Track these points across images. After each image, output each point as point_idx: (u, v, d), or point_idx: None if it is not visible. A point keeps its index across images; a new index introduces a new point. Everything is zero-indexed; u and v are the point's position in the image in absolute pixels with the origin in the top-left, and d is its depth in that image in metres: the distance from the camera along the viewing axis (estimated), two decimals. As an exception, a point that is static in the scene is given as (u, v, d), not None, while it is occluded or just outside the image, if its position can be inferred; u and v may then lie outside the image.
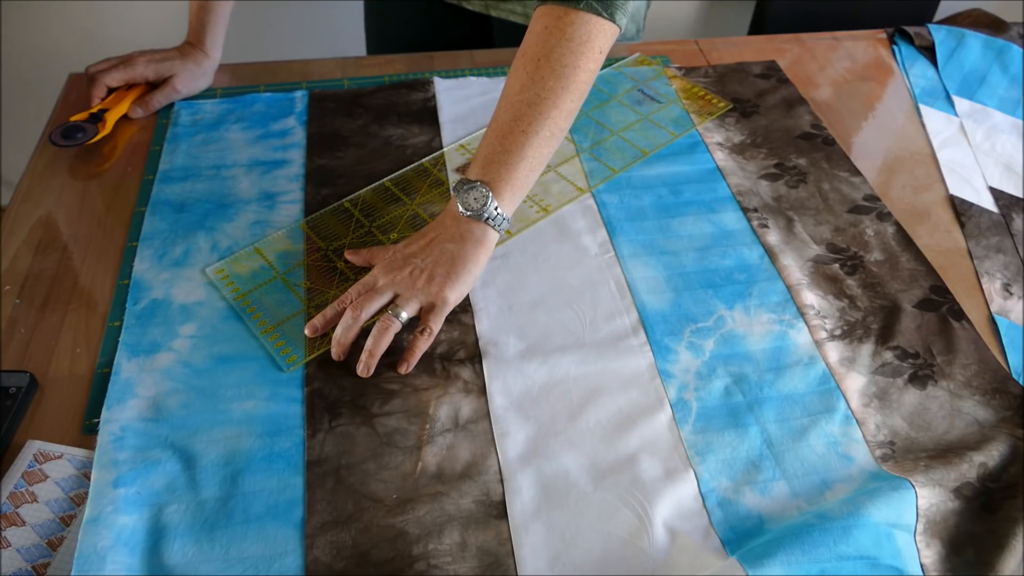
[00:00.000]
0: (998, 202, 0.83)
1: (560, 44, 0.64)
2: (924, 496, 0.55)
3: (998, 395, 0.64)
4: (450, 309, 0.64)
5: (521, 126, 0.64)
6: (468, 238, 0.65)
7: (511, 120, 0.65)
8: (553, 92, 0.64)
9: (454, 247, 0.64)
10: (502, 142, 0.65)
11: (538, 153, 0.66)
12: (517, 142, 0.65)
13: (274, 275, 0.71)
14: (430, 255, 0.65)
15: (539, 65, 0.64)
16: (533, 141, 0.65)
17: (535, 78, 0.64)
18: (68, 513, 0.54)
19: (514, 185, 0.65)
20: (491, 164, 0.65)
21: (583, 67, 0.65)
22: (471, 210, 0.64)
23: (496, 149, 0.65)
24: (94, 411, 0.60)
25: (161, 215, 0.76)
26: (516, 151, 0.65)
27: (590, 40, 0.65)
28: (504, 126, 0.65)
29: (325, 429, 0.59)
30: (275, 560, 0.52)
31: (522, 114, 0.64)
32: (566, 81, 0.64)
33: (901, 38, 1.06)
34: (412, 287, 0.63)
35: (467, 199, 0.65)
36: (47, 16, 1.49)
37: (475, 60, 0.98)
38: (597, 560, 0.53)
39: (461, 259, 0.64)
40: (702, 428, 0.61)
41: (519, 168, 0.65)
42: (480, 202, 0.64)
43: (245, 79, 0.94)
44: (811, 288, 0.71)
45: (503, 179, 0.65)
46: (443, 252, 0.65)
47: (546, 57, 0.64)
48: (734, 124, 0.90)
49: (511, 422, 0.60)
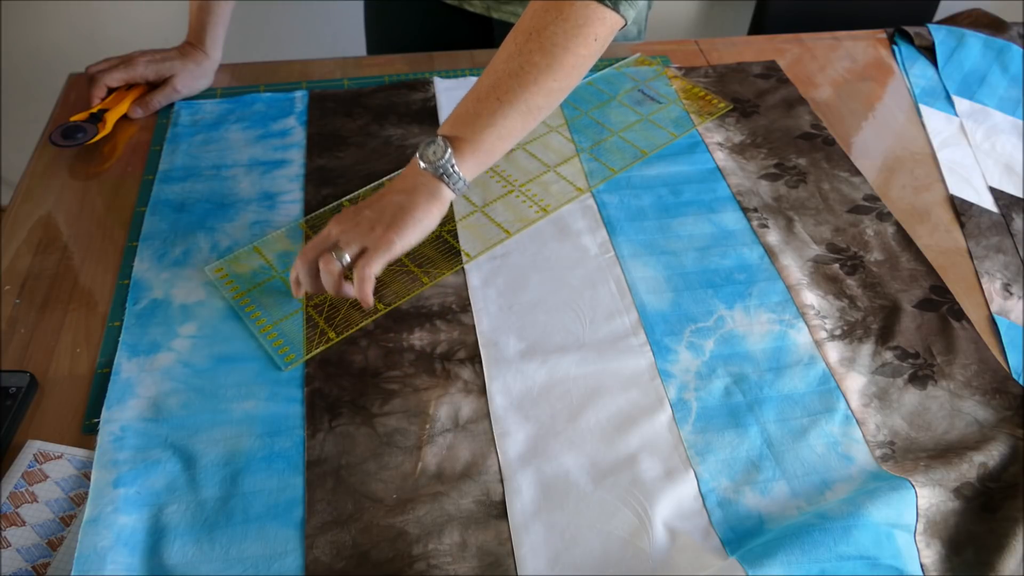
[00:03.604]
0: (998, 202, 0.83)
1: (554, 23, 0.63)
2: (924, 496, 0.55)
3: (998, 395, 0.64)
4: (393, 255, 0.63)
5: (497, 93, 0.64)
6: (421, 190, 0.64)
7: (489, 86, 0.64)
8: (536, 68, 0.63)
9: (404, 197, 0.64)
10: (475, 105, 0.65)
11: (509, 124, 0.65)
12: (490, 107, 0.64)
13: (273, 274, 0.71)
14: (380, 205, 0.64)
15: (529, 39, 0.64)
16: (506, 111, 0.64)
17: (523, 50, 0.64)
18: (68, 513, 0.54)
19: (477, 148, 0.65)
20: (459, 123, 0.65)
21: (573, 50, 0.64)
22: (428, 162, 0.64)
23: (468, 110, 0.65)
24: (94, 411, 0.60)
25: (161, 215, 0.76)
26: (486, 116, 0.64)
27: (587, 25, 0.64)
28: (482, 90, 0.65)
29: (325, 429, 0.59)
30: (275, 560, 0.52)
31: (501, 82, 0.64)
32: (551, 60, 0.63)
33: (901, 38, 1.06)
34: (355, 233, 0.63)
35: (426, 151, 0.64)
36: (47, 16, 1.49)
37: (475, 60, 0.98)
38: (597, 560, 0.53)
39: (410, 208, 0.63)
40: (702, 428, 0.61)
41: (486, 133, 0.64)
42: (438, 155, 0.64)
43: (245, 79, 0.94)
44: (811, 288, 0.71)
45: (467, 140, 0.64)
46: (392, 202, 0.64)
47: (538, 32, 0.63)
48: (734, 124, 0.90)
49: (511, 422, 0.60)
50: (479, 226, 0.76)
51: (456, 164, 0.64)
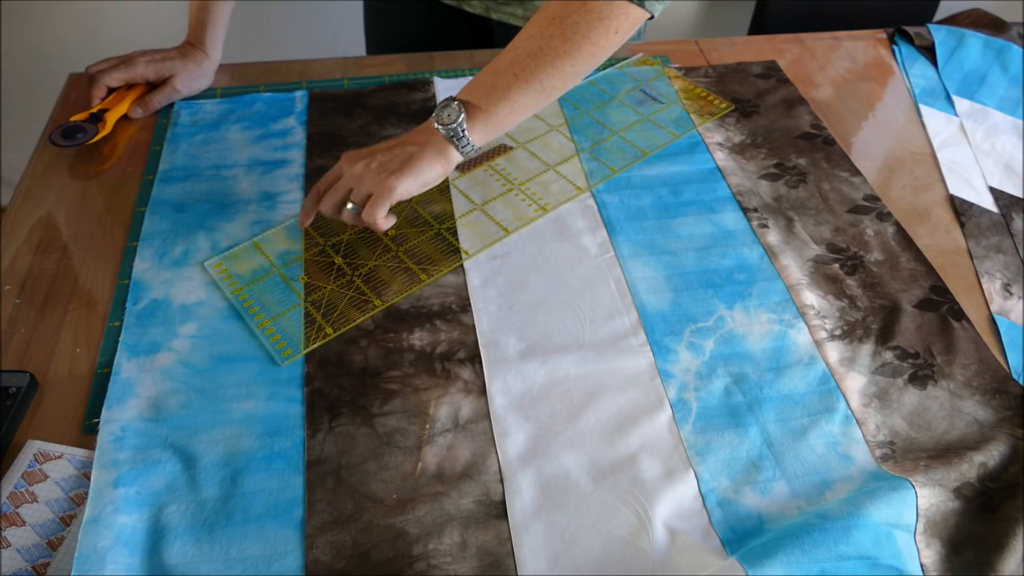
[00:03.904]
0: (998, 202, 0.83)
1: (579, 12, 0.66)
2: (924, 496, 0.55)
3: (998, 395, 0.64)
4: (395, 199, 0.66)
5: (515, 69, 0.67)
6: (431, 145, 0.68)
7: (509, 61, 0.68)
8: (555, 51, 0.66)
9: (415, 148, 0.68)
10: (493, 77, 0.68)
11: (522, 99, 0.68)
12: (506, 81, 0.68)
13: (272, 270, 0.71)
14: (390, 152, 0.68)
15: (552, 23, 0.67)
16: (521, 87, 0.67)
17: (544, 33, 0.67)
18: (68, 513, 0.54)
19: (489, 117, 0.68)
20: (476, 91, 0.69)
21: (593, 39, 0.67)
22: (442, 123, 0.68)
23: (485, 81, 0.69)
24: (94, 411, 0.60)
25: (161, 215, 0.76)
26: (502, 88, 0.68)
27: (609, 17, 0.66)
28: (501, 64, 0.68)
29: (325, 429, 0.59)
30: (275, 560, 0.52)
31: (520, 59, 0.67)
32: (571, 46, 0.66)
33: (901, 38, 1.06)
34: (364, 179, 0.67)
35: (441, 113, 0.68)
36: (47, 16, 1.49)
37: (475, 60, 0.98)
38: (597, 560, 0.53)
39: (417, 158, 0.67)
40: (702, 428, 0.61)
41: (500, 104, 0.68)
42: (451, 118, 0.67)
43: (245, 79, 0.94)
44: (811, 288, 0.71)
45: (481, 108, 0.68)
46: (403, 151, 0.68)
47: (561, 18, 0.66)
48: (734, 124, 0.90)
49: (511, 422, 0.60)
50: (478, 224, 0.76)
51: (467, 129, 0.67)
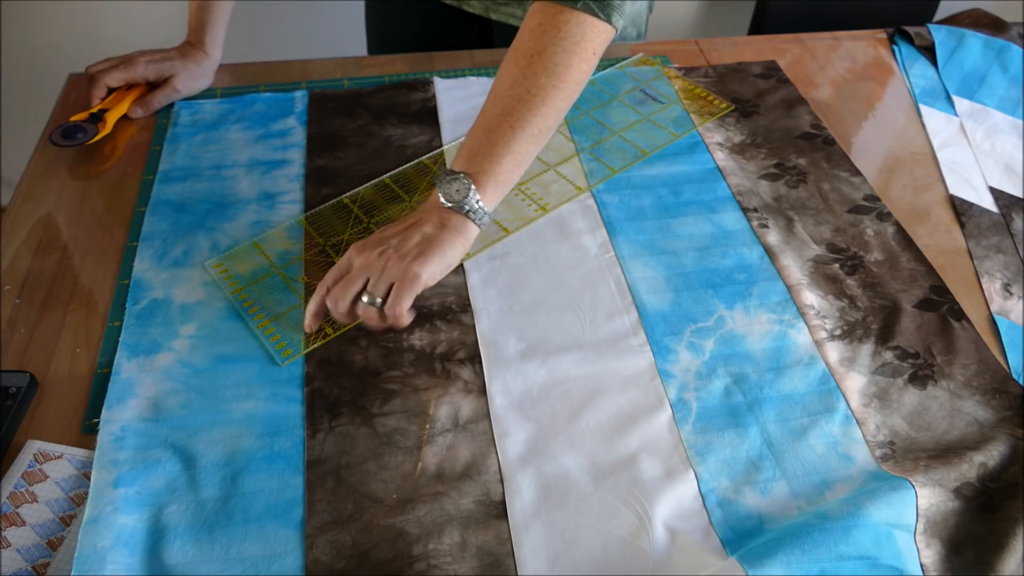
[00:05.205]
0: (998, 202, 0.83)
1: (554, 42, 0.64)
2: (924, 496, 0.55)
3: (998, 395, 0.64)
4: (420, 287, 0.61)
5: (509, 121, 0.64)
6: (447, 226, 0.64)
7: (499, 114, 0.65)
8: (544, 89, 0.64)
9: (431, 230, 0.63)
10: (488, 136, 0.65)
11: (524, 149, 0.65)
12: (504, 136, 0.64)
13: (272, 270, 0.71)
14: (405, 238, 0.64)
15: (531, 62, 0.64)
16: (520, 137, 0.64)
17: (527, 74, 0.64)
18: (68, 513, 0.54)
19: (498, 179, 0.65)
20: (476, 157, 0.65)
21: (575, 67, 0.65)
22: (452, 201, 0.64)
23: (482, 142, 0.65)
24: (94, 411, 0.60)
25: (161, 215, 0.76)
26: (502, 145, 0.64)
27: (584, 40, 0.65)
28: (492, 120, 0.65)
29: (325, 429, 0.59)
30: (275, 560, 0.52)
31: (511, 109, 0.64)
32: (557, 80, 0.64)
33: (901, 38, 1.06)
34: (383, 269, 0.62)
35: (449, 190, 0.64)
36: (47, 16, 1.49)
37: (475, 60, 0.98)
38: (597, 560, 0.53)
39: (437, 241, 0.63)
40: (702, 428, 0.61)
41: (504, 162, 0.65)
42: (462, 194, 0.63)
43: (245, 79, 0.94)
44: (811, 288, 0.71)
45: (487, 172, 0.64)
46: (418, 234, 0.64)
47: (539, 54, 0.64)
48: (734, 124, 0.90)
49: (511, 422, 0.60)
50: (479, 226, 0.76)
51: (480, 199, 0.64)
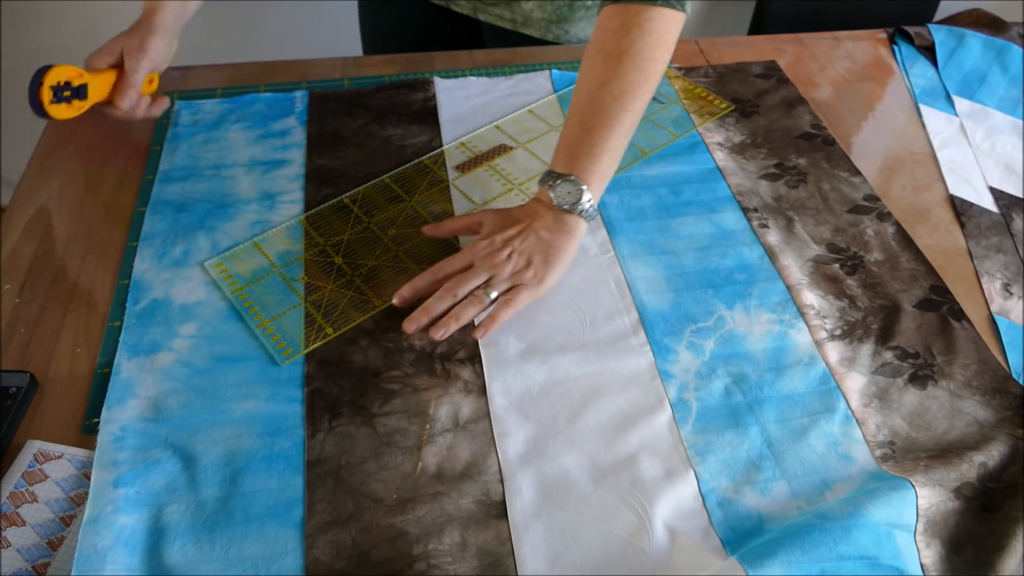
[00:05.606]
0: (998, 202, 0.83)
1: (640, 39, 0.69)
2: (924, 496, 0.55)
3: (998, 395, 0.64)
4: (541, 294, 0.66)
5: (606, 119, 0.68)
6: (562, 228, 0.67)
7: (595, 114, 0.68)
8: (634, 85, 0.68)
9: (549, 236, 0.67)
10: (588, 135, 0.68)
11: (620, 143, 0.69)
12: (602, 135, 0.68)
13: (272, 270, 0.71)
14: (526, 240, 0.67)
15: (620, 60, 0.68)
16: (617, 132, 0.68)
17: (617, 72, 0.68)
18: (68, 513, 0.54)
19: (601, 176, 0.69)
20: (579, 157, 0.68)
21: (660, 59, 0.70)
22: (566, 203, 0.67)
23: (583, 142, 0.68)
24: (94, 411, 0.60)
25: (161, 215, 0.76)
26: (602, 143, 0.68)
27: (667, 32, 0.70)
28: (588, 119, 0.69)
29: (325, 429, 0.59)
30: (275, 560, 0.52)
31: (606, 107, 0.68)
32: (646, 74, 0.69)
33: (901, 38, 1.06)
34: (507, 271, 0.66)
35: (561, 192, 0.67)
36: (47, 16, 1.49)
37: (475, 60, 0.98)
38: (597, 560, 0.53)
39: (556, 247, 0.67)
40: (702, 428, 0.61)
41: (604, 160, 0.68)
42: (575, 196, 0.67)
43: (245, 79, 0.94)
44: (811, 288, 0.71)
45: (591, 172, 0.68)
46: (539, 239, 0.67)
47: (627, 52, 0.69)
48: (734, 124, 0.90)
49: (511, 422, 0.60)
50: (479, 226, 0.76)
51: (591, 199, 0.68)
